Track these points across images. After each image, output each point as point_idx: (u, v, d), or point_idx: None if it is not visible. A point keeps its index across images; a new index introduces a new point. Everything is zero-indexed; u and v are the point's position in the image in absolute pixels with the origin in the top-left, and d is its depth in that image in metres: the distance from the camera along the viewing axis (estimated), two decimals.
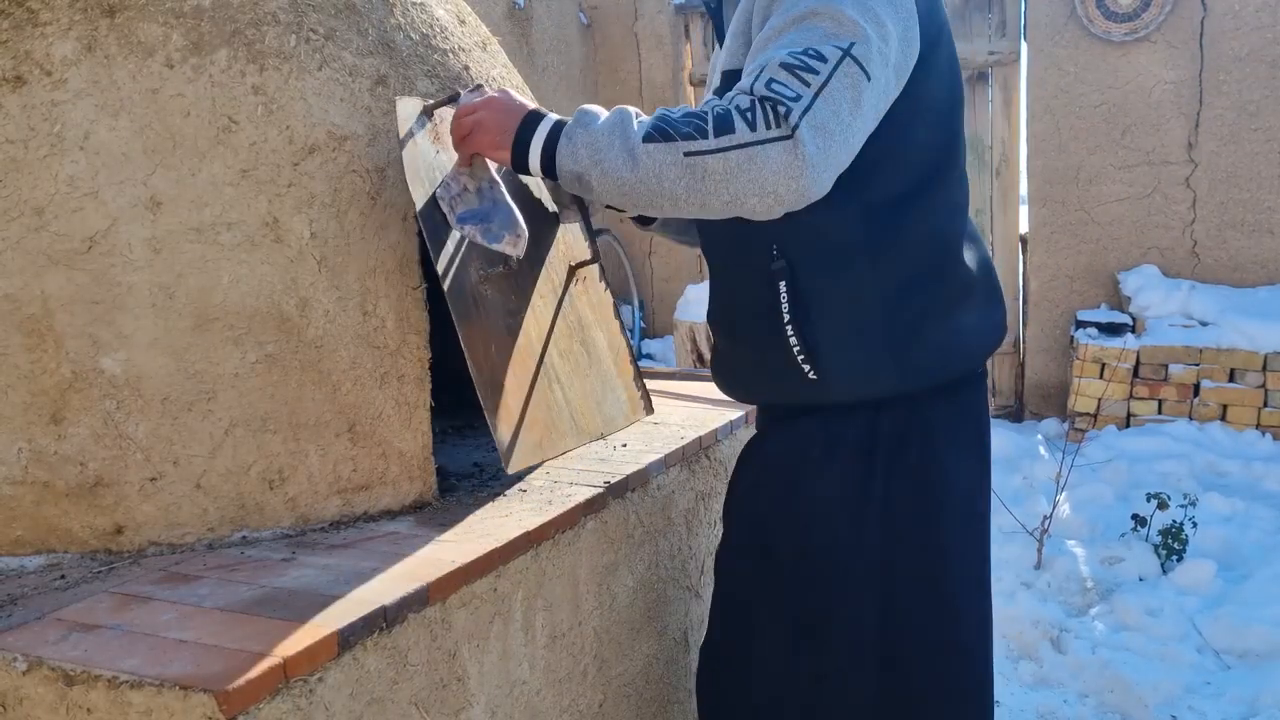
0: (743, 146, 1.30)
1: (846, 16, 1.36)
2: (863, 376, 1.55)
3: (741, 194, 1.32)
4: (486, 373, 1.60)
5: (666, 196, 1.36)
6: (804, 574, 1.62)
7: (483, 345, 1.61)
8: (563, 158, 1.41)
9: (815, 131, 1.30)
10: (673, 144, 1.33)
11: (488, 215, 1.57)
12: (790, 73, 1.32)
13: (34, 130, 1.55)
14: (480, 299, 1.64)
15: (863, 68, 1.34)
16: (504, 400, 1.63)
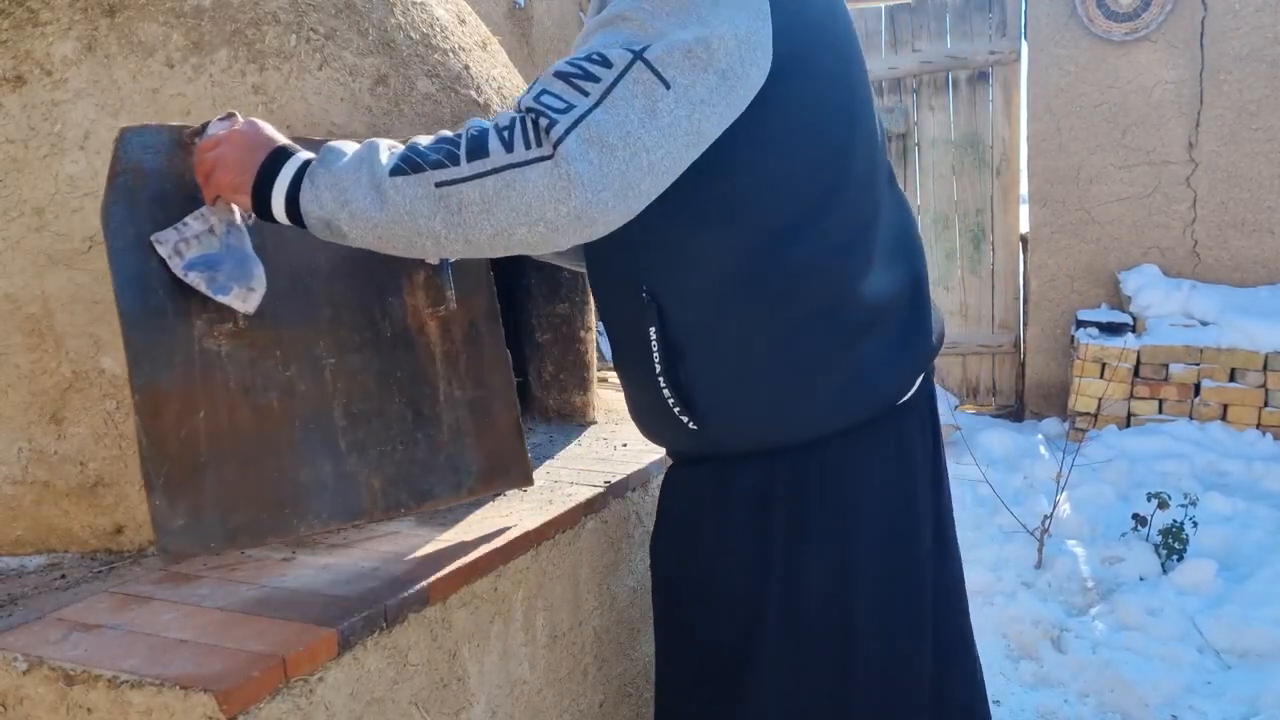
0: (498, 171, 1.14)
1: (653, 22, 1.18)
2: (747, 427, 1.41)
3: (507, 225, 1.16)
4: (159, 443, 1.37)
5: (425, 235, 1.19)
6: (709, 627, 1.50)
7: (177, 409, 1.38)
8: (306, 203, 1.23)
9: (588, 146, 1.13)
10: (422, 175, 1.17)
11: (217, 263, 1.39)
12: (566, 81, 1.16)
13: (34, 130, 1.55)
14: (206, 355, 1.42)
15: (658, 74, 1.15)
16: (191, 474, 1.39)
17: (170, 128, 1.44)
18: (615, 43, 1.18)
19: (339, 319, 1.55)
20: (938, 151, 6.20)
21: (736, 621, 1.47)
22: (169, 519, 1.36)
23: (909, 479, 1.50)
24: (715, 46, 1.18)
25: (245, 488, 1.42)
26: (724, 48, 1.19)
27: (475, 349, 1.68)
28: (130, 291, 1.37)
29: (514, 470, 1.70)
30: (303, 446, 1.48)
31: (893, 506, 1.48)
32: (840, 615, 1.45)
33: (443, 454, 1.62)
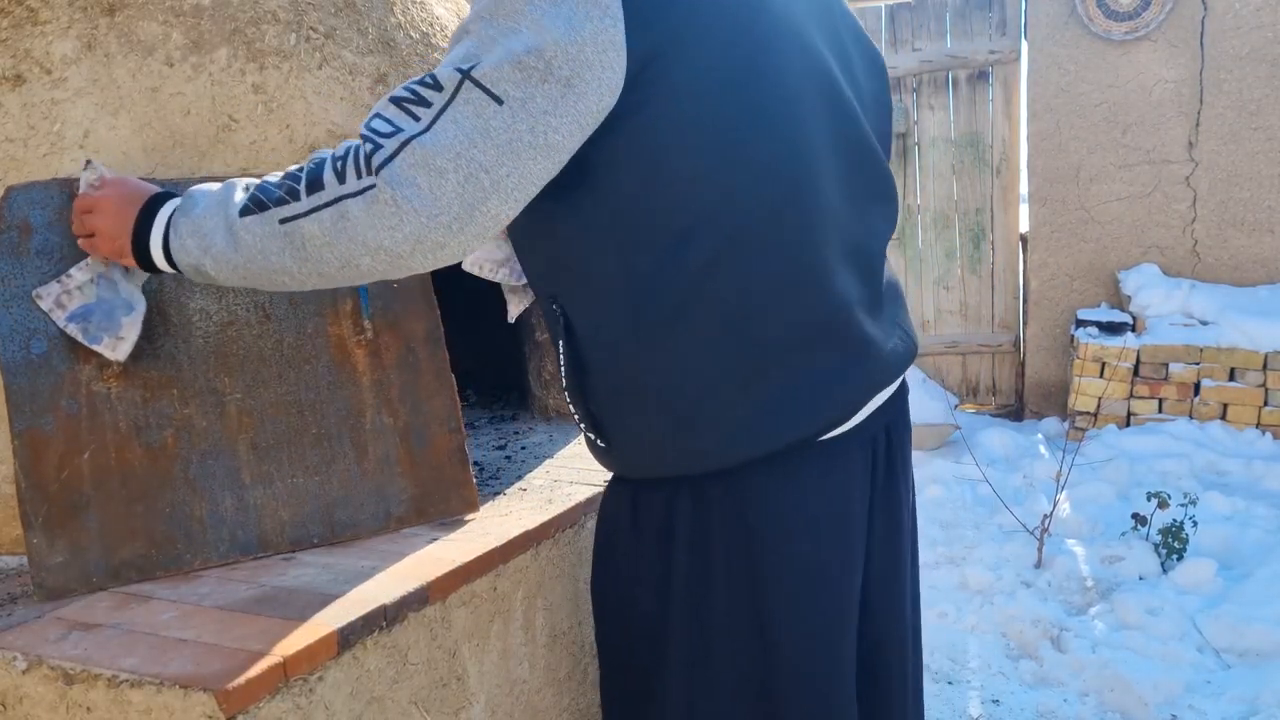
0: (332, 203, 1.14)
1: (487, 32, 1.14)
2: (646, 451, 1.34)
3: (350, 256, 1.15)
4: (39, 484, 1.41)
5: (281, 272, 1.19)
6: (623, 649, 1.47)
7: (60, 451, 1.42)
8: (175, 251, 1.25)
9: (416, 171, 1.10)
10: (267, 213, 1.17)
11: (90, 313, 1.42)
12: (398, 106, 1.14)
13: (34, 129, 1.55)
14: (93, 398, 1.45)
15: (487, 91, 1.11)
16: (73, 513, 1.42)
17: (60, 182, 1.49)
18: (451, 61, 1.14)
19: (248, 355, 1.56)
20: (937, 151, 6.20)
21: (645, 650, 1.42)
22: (47, 556, 1.40)
23: (838, 522, 1.36)
24: (550, 54, 1.11)
25: (132, 524, 1.45)
26: (562, 54, 1.11)
27: (410, 374, 1.65)
28: (12, 341, 1.43)
29: (455, 497, 1.65)
30: (200, 482, 1.50)
31: (817, 550, 1.35)
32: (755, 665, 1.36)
33: (368, 484, 1.60)
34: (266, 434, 1.55)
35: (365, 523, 1.59)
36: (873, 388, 1.36)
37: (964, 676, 3.03)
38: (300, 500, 1.55)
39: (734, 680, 1.36)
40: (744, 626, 1.35)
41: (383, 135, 1.13)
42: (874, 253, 1.41)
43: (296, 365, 1.59)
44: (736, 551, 1.33)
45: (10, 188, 1.48)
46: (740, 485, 1.31)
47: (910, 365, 1.45)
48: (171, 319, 1.52)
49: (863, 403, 1.36)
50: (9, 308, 1.44)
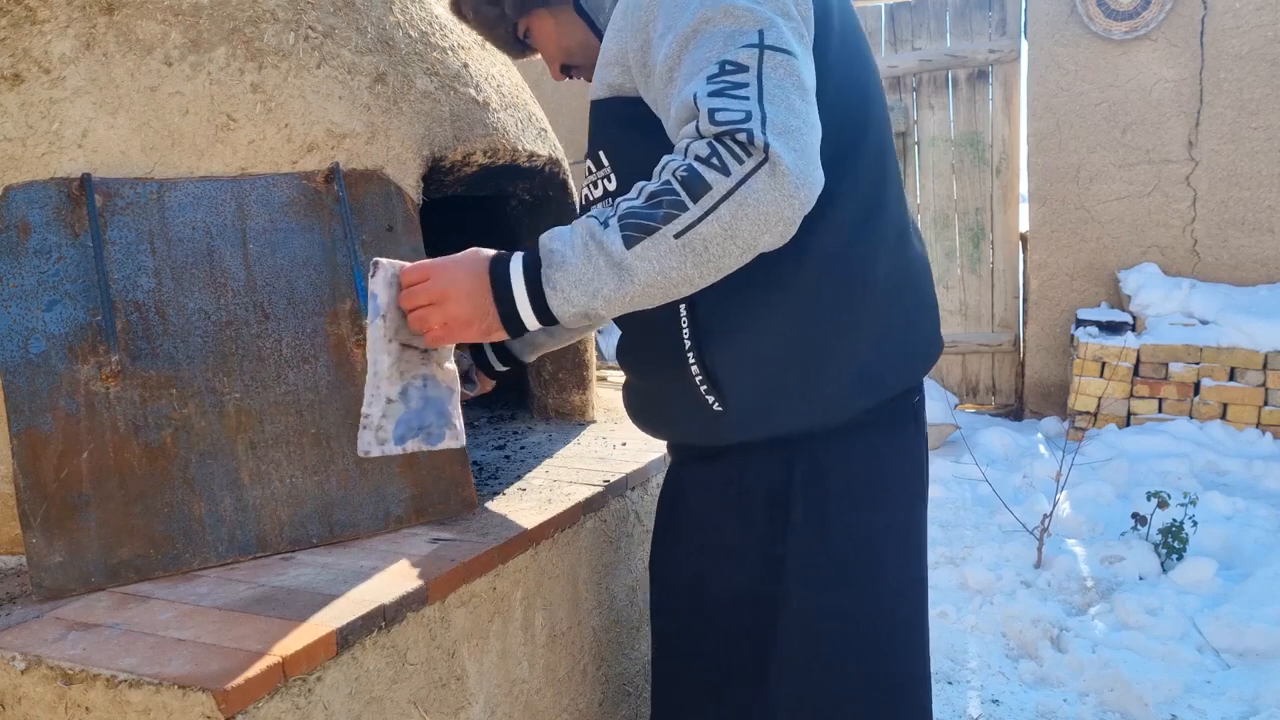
0: (726, 196, 1.17)
1: (739, 8, 1.23)
2: (772, 411, 1.40)
3: (752, 240, 1.19)
4: (37, 484, 1.40)
5: (681, 284, 1.22)
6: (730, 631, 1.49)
7: (59, 451, 1.42)
8: (557, 309, 1.25)
9: (781, 139, 1.17)
10: (659, 233, 1.19)
11: (422, 418, 1.39)
12: (723, 97, 1.19)
13: (32, 128, 1.55)
14: (92, 398, 1.45)
15: (784, 49, 1.22)
16: (72, 512, 1.41)
17: (58, 181, 1.49)
18: (728, 47, 1.21)
19: (247, 354, 1.56)
20: (937, 150, 6.20)
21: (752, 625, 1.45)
22: (46, 555, 1.40)
23: (920, 479, 1.51)
24: (793, 13, 1.28)
25: (131, 524, 1.45)
26: (796, 13, 1.29)
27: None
28: (11, 341, 1.43)
29: (454, 497, 1.65)
30: (199, 481, 1.49)
31: (914, 508, 1.49)
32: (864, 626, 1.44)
33: (366, 484, 1.59)
34: (265, 434, 1.55)
35: (364, 523, 1.58)
36: (940, 347, 1.54)
37: (964, 676, 3.02)
38: (299, 500, 1.55)
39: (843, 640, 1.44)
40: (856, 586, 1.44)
41: (739, 121, 1.17)
42: (914, 226, 1.56)
43: (295, 365, 1.58)
44: (852, 511, 1.42)
45: (9, 187, 1.48)
46: (855, 445, 1.42)
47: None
48: (170, 319, 1.52)
49: (937, 357, 1.53)
50: (7, 307, 1.44)
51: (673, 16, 1.27)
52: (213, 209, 1.58)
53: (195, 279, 1.55)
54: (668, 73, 1.27)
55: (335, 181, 1.65)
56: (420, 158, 1.77)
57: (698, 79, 1.21)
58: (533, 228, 2.25)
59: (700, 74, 1.22)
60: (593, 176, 1.45)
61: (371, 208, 1.68)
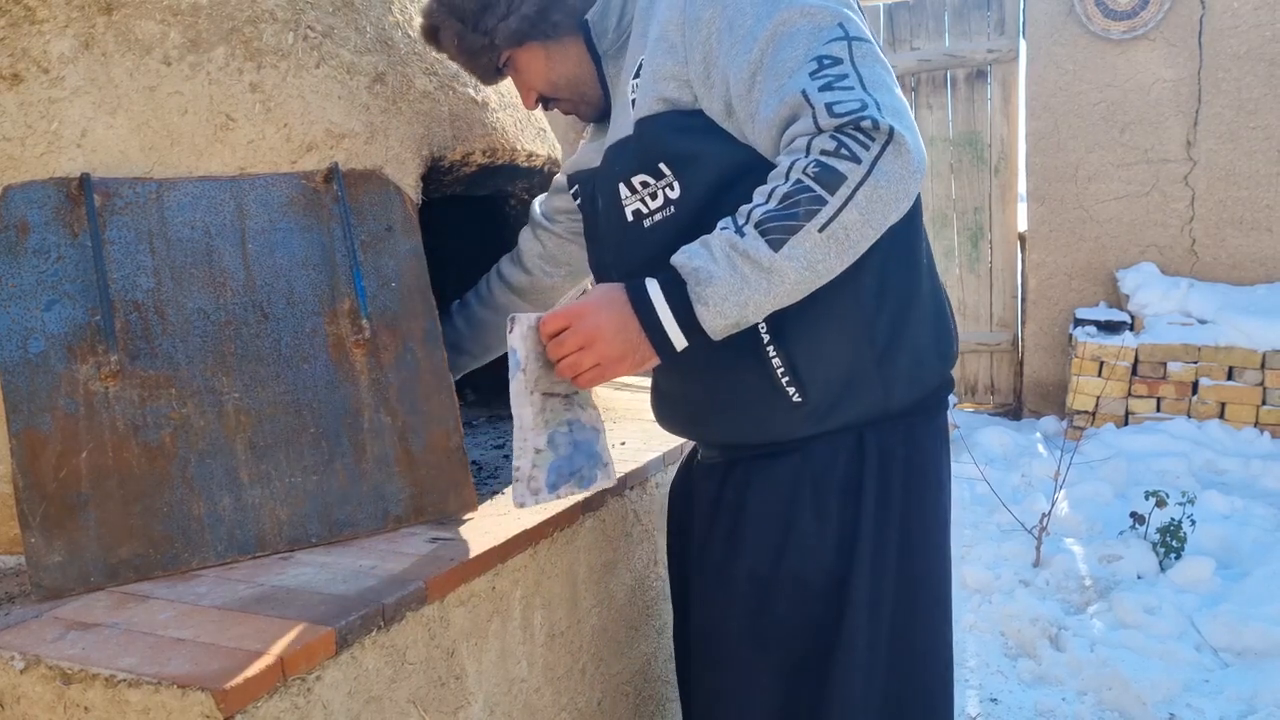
0: (861, 183, 1.23)
1: (812, 6, 1.30)
2: (849, 393, 1.44)
3: (885, 218, 1.27)
4: (37, 483, 1.40)
5: (826, 275, 1.29)
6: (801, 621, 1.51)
7: (58, 450, 1.42)
8: (709, 322, 1.29)
9: (897, 118, 1.25)
10: (803, 231, 1.24)
11: (572, 463, 1.45)
12: (832, 90, 1.26)
13: (31, 128, 1.55)
14: (90, 397, 1.45)
15: (864, 39, 1.30)
16: (71, 512, 1.41)
17: (57, 181, 1.50)
18: (815, 43, 1.28)
19: (246, 354, 1.56)
20: (936, 150, 6.20)
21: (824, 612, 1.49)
22: (45, 555, 1.40)
23: (949, 460, 1.60)
24: (854, 4, 1.36)
25: (130, 523, 1.44)
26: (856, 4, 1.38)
27: (408, 374, 1.65)
28: (10, 341, 1.43)
29: (453, 496, 1.64)
30: (198, 481, 1.49)
31: (949, 495, 1.58)
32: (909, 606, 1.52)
33: (366, 483, 1.59)
34: (264, 433, 1.55)
35: (363, 522, 1.58)
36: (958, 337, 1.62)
37: (962, 675, 3.03)
38: (298, 500, 1.55)
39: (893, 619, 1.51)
40: (908, 567, 1.51)
41: (859, 110, 1.24)
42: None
43: (295, 364, 1.58)
44: (914, 496, 1.50)
45: (8, 187, 1.48)
46: (915, 434, 1.50)
47: None
48: (169, 319, 1.52)
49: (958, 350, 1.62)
50: (6, 307, 1.44)
51: (743, 25, 1.32)
52: (212, 209, 1.58)
53: (194, 279, 1.55)
54: (750, 78, 1.31)
55: (334, 181, 1.65)
56: (419, 157, 1.77)
57: (798, 76, 1.27)
58: None
59: (799, 71, 1.27)
60: (651, 188, 1.45)
61: (371, 207, 1.68)
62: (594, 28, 1.52)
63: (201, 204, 1.58)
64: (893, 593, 1.51)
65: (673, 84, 1.40)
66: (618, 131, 1.50)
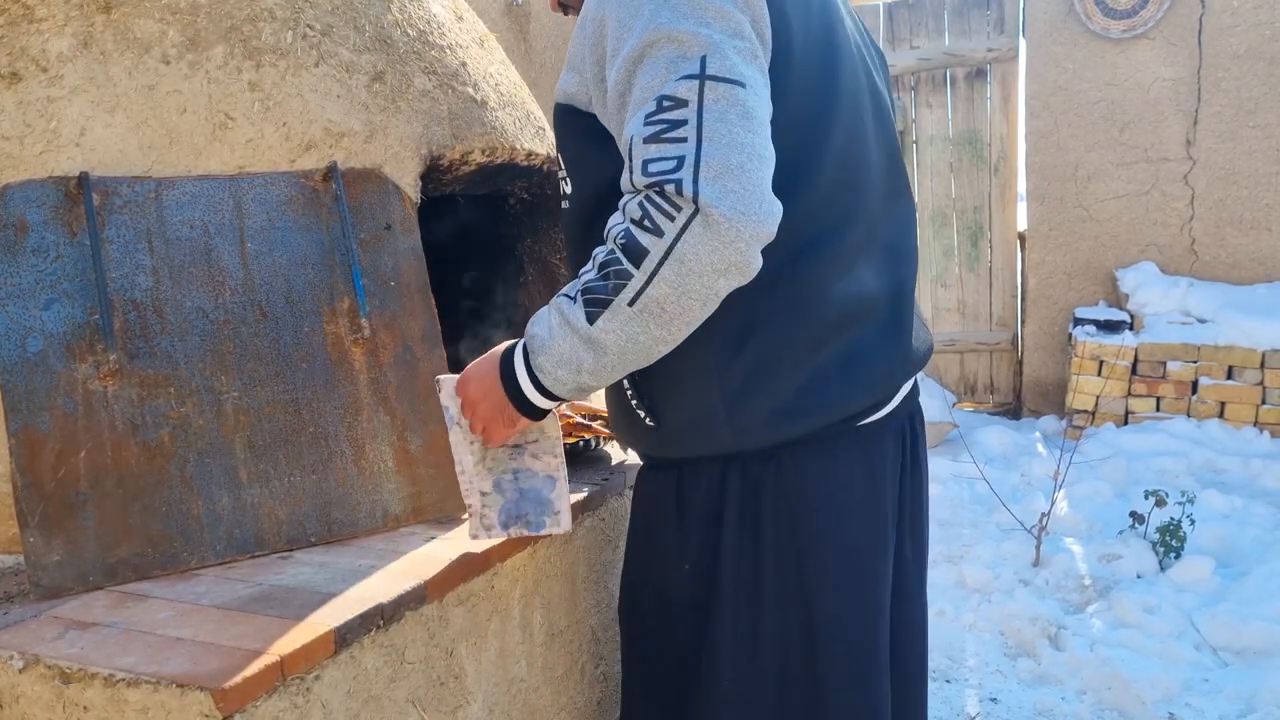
0: (666, 257, 1.15)
1: (684, 32, 1.18)
2: (698, 431, 1.38)
3: (706, 291, 1.18)
4: (35, 483, 1.40)
5: (654, 344, 1.23)
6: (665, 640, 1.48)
7: (56, 449, 1.42)
8: (552, 386, 1.30)
9: (717, 181, 1.13)
10: (613, 305, 1.20)
11: (519, 508, 1.49)
12: (658, 142, 1.16)
13: (30, 126, 1.55)
14: (89, 397, 1.45)
15: (728, 79, 1.17)
16: (70, 511, 1.41)
17: (56, 180, 1.50)
18: (667, 78, 1.17)
19: (245, 353, 1.56)
20: (936, 149, 6.20)
21: (686, 631, 1.45)
22: (43, 554, 1.40)
23: (874, 504, 1.43)
24: (746, 31, 1.22)
25: (129, 523, 1.44)
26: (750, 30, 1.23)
27: (407, 373, 1.65)
28: (9, 340, 1.43)
29: (452, 497, 1.65)
30: (197, 480, 1.49)
31: (858, 532, 1.41)
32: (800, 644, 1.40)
33: (365, 483, 1.59)
34: (263, 433, 1.55)
35: (362, 521, 1.58)
36: (906, 372, 1.45)
37: (962, 675, 3.03)
38: (297, 499, 1.55)
39: (779, 660, 1.41)
40: (791, 607, 1.40)
41: (670, 171, 1.14)
42: (905, 247, 1.48)
43: (294, 364, 1.58)
44: (785, 532, 1.38)
45: (6, 186, 1.48)
46: (789, 466, 1.37)
47: (929, 358, 1.53)
48: (168, 318, 1.52)
49: (898, 386, 1.45)
50: (5, 306, 1.44)
51: (620, 38, 1.23)
52: (210, 208, 1.58)
53: (193, 278, 1.55)
54: (619, 98, 1.25)
55: (333, 180, 1.65)
56: (418, 156, 1.77)
57: (637, 116, 1.18)
58: (532, 226, 2.25)
59: (641, 109, 1.18)
60: (560, 174, 1.45)
61: (370, 206, 1.68)
62: None
63: (200, 203, 1.57)
64: (777, 633, 1.39)
65: (574, 78, 1.35)
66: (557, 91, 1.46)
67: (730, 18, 1.21)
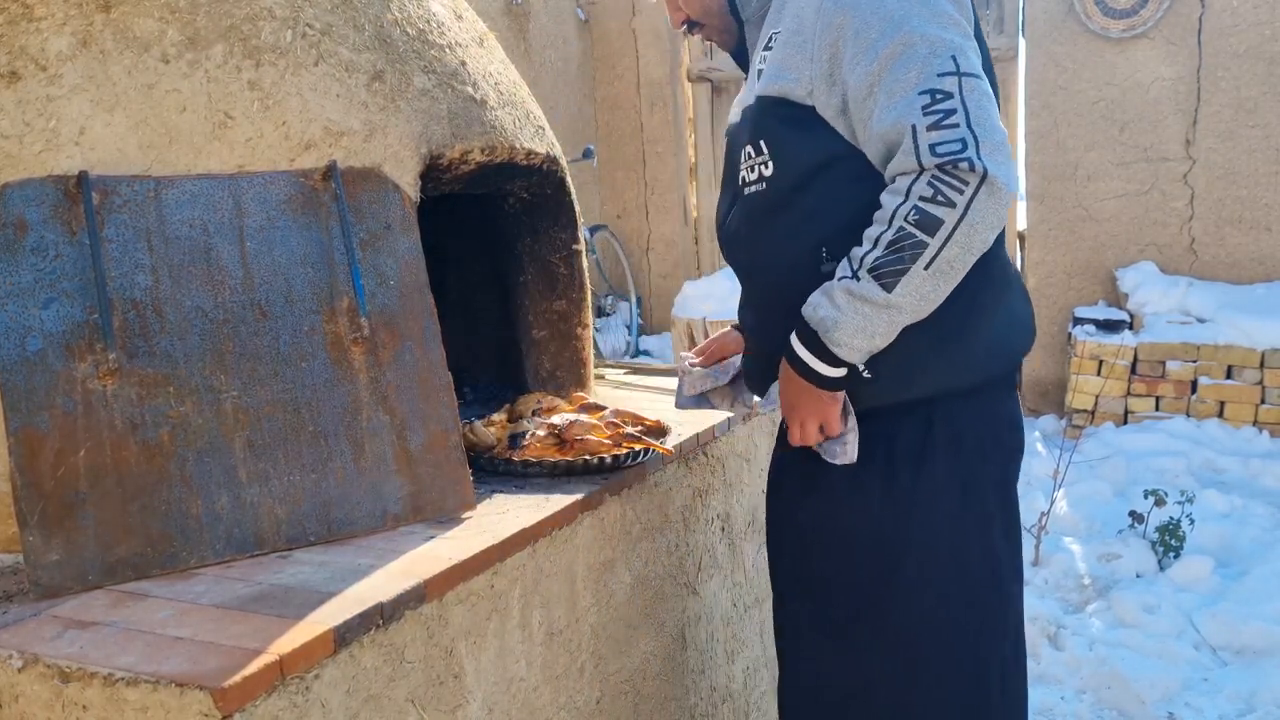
0: (960, 223, 1.40)
1: (932, 34, 1.44)
2: (911, 377, 1.57)
3: (984, 244, 1.43)
4: (35, 482, 1.40)
5: (939, 298, 1.46)
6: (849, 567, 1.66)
7: (55, 449, 1.42)
8: (847, 357, 1.51)
9: (992, 153, 1.39)
10: (910, 272, 1.42)
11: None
12: (939, 129, 1.40)
13: (29, 125, 1.55)
14: (89, 396, 1.45)
15: (974, 74, 1.43)
16: (69, 510, 1.41)
17: (55, 179, 1.49)
18: (929, 73, 1.42)
19: (245, 352, 1.56)
20: None
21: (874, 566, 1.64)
22: (43, 554, 1.39)
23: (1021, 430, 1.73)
24: (969, 30, 1.50)
25: (128, 522, 1.44)
26: (970, 29, 1.51)
27: (406, 372, 1.65)
28: (8, 340, 1.43)
29: (451, 495, 1.64)
30: (196, 479, 1.49)
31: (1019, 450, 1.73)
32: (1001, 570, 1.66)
33: (364, 482, 1.59)
34: (263, 432, 1.55)
35: (362, 521, 1.58)
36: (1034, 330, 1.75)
37: None
38: (296, 498, 1.54)
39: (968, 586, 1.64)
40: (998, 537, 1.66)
41: (959, 152, 1.39)
42: None
43: (293, 363, 1.58)
44: (993, 463, 1.65)
45: (6, 185, 1.47)
46: (985, 403, 1.64)
47: None
48: (168, 317, 1.52)
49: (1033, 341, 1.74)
50: (4, 306, 1.44)
51: (867, 40, 1.46)
52: (210, 207, 1.58)
53: (192, 277, 1.55)
54: (867, 89, 1.46)
55: (333, 179, 1.65)
56: (418, 155, 1.77)
57: (911, 108, 1.41)
58: (531, 226, 2.25)
59: (912, 101, 1.41)
60: (749, 163, 1.63)
61: (369, 206, 1.68)
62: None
63: (200, 202, 1.57)
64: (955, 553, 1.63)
65: (792, 76, 1.54)
66: (746, 98, 1.67)
67: (961, 25, 1.48)
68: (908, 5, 1.46)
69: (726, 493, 2.22)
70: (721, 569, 2.21)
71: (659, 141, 7.17)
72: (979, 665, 1.66)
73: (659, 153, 7.19)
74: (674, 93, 7.05)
